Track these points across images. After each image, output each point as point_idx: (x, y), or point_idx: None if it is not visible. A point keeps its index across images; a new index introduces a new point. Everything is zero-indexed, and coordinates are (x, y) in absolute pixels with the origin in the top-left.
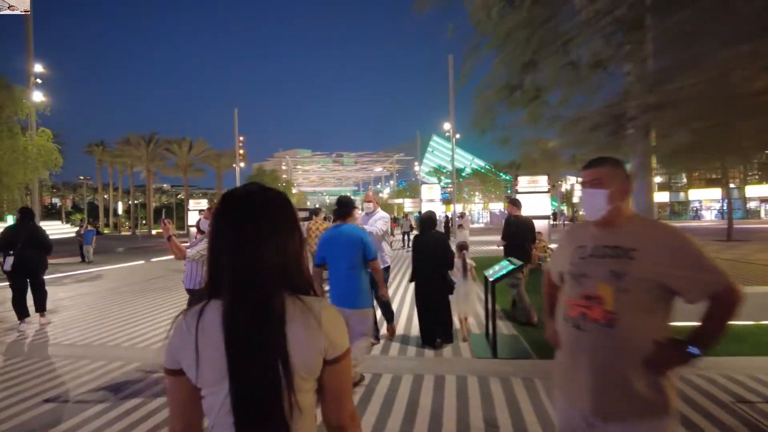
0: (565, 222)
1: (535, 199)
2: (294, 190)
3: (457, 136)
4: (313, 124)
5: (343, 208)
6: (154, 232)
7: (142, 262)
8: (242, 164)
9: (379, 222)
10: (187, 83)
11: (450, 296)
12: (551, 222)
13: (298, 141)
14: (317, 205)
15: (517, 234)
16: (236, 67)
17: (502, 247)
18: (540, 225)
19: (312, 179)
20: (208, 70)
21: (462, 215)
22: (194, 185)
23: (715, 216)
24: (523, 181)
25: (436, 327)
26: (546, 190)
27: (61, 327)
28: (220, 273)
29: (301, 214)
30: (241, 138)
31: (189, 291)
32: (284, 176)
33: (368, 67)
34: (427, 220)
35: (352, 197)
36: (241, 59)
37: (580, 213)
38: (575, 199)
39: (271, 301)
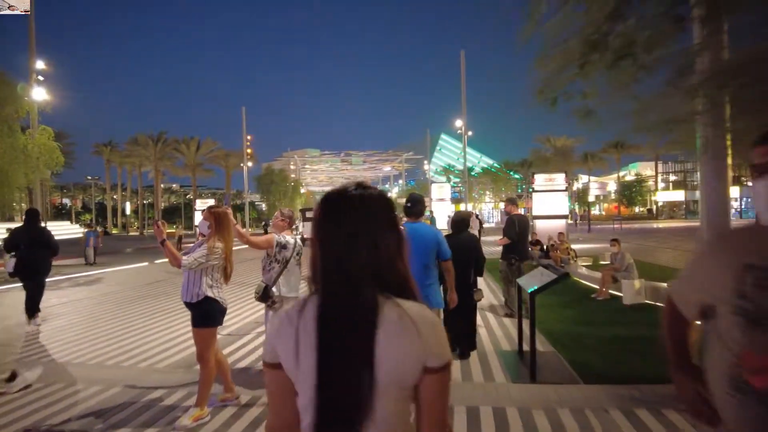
0: (577, 221)
1: (552, 198)
2: (302, 190)
3: (470, 133)
4: (321, 124)
5: (417, 206)
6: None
7: (146, 264)
8: (250, 164)
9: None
10: (196, 83)
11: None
12: (569, 221)
13: (306, 140)
14: None
15: (522, 232)
16: (246, 65)
17: (500, 246)
18: (557, 225)
19: (321, 179)
20: (218, 69)
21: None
22: (204, 185)
23: (733, 215)
24: (540, 179)
25: (461, 336)
26: (563, 188)
27: (45, 340)
28: (317, 269)
29: (310, 214)
30: (249, 137)
31: (186, 305)
32: (293, 176)
33: (377, 65)
34: (459, 222)
35: None
36: (251, 57)
37: (583, 211)
38: (590, 198)
39: (361, 298)
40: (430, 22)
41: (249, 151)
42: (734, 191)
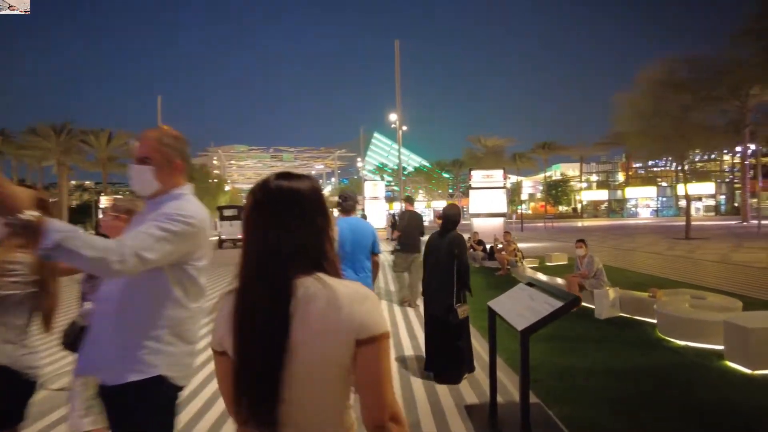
0: (513, 220)
1: (489, 195)
2: (227, 187)
3: (404, 128)
4: (250, 119)
5: (349, 201)
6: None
7: None
8: None
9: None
10: (109, 71)
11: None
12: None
13: (234, 136)
14: None
15: (409, 226)
16: (166, 57)
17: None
18: (495, 223)
19: (248, 175)
20: (133, 57)
21: None
22: (122, 182)
23: (650, 213)
24: (477, 176)
25: (444, 352)
26: (501, 185)
27: None
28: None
29: (229, 212)
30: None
31: None
32: (216, 172)
33: (309, 61)
34: (451, 217)
35: None
36: (169, 49)
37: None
38: (523, 196)
39: (275, 276)
40: (361, 21)
41: None
42: (651, 191)
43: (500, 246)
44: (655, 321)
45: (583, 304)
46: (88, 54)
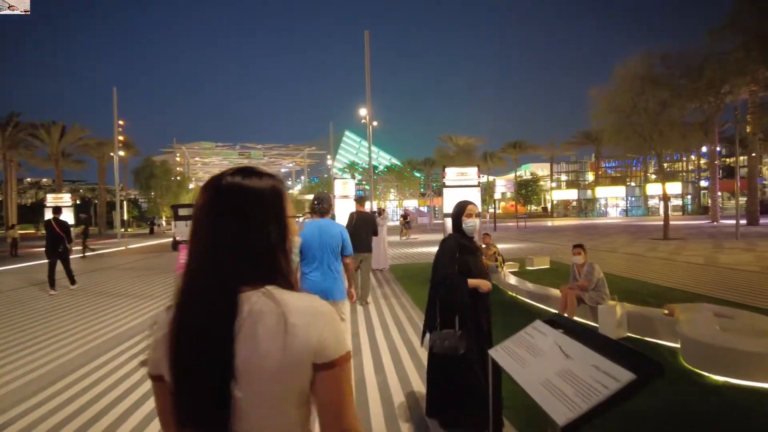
0: (486, 219)
1: (465, 194)
2: (191, 185)
3: (375, 123)
4: (217, 116)
5: (323, 204)
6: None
7: None
8: (122, 153)
9: None
10: (64, 61)
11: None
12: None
13: (200, 134)
14: None
15: (358, 226)
16: (124, 46)
17: None
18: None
19: (215, 173)
20: (89, 49)
21: (381, 211)
22: (81, 180)
23: (619, 213)
24: (451, 173)
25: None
26: (476, 183)
27: None
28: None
29: (185, 211)
30: (121, 122)
31: None
32: (179, 169)
33: (278, 56)
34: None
35: None
36: (128, 43)
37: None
38: (496, 195)
39: (218, 290)
40: (332, 14)
41: (122, 138)
42: (621, 191)
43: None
44: (675, 345)
45: (584, 321)
46: (40, 43)
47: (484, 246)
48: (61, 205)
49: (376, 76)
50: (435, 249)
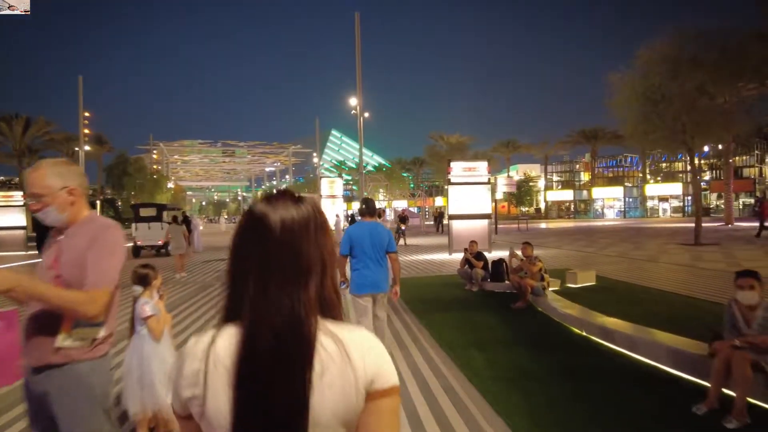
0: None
1: (472, 192)
2: (170, 184)
3: (366, 114)
4: (198, 114)
5: (371, 205)
6: None
7: None
8: (88, 147)
9: None
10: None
11: None
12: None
13: (181, 132)
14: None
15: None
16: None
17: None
18: (479, 227)
19: (196, 172)
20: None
21: (381, 213)
22: None
23: (616, 214)
24: (457, 168)
25: None
26: (486, 180)
27: None
28: (240, 293)
29: (146, 211)
30: (87, 114)
31: None
32: (156, 166)
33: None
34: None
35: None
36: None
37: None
38: (498, 194)
39: (298, 328)
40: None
41: (87, 131)
42: (617, 191)
43: (518, 263)
44: None
45: (764, 404)
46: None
47: (524, 259)
48: (12, 204)
49: (362, 75)
50: (439, 255)
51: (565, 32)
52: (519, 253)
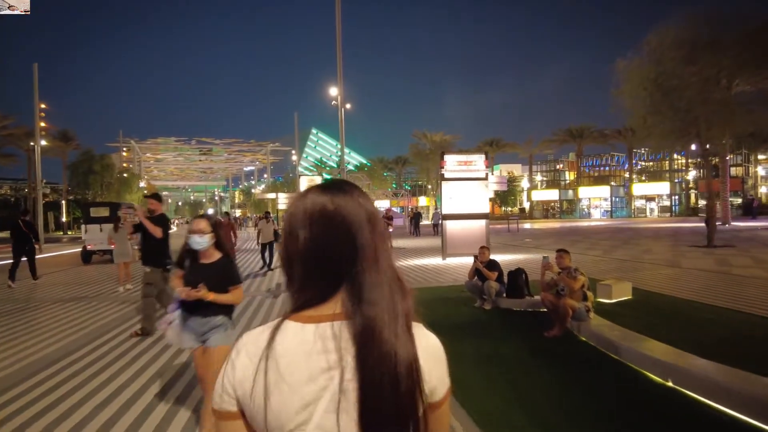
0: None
1: (468, 189)
2: (142, 183)
3: (347, 105)
4: (173, 111)
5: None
6: None
7: None
8: (44, 142)
9: None
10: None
11: None
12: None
13: (155, 130)
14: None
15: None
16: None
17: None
18: (476, 227)
19: (171, 171)
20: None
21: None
22: (10, 178)
23: (602, 214)
24: (451, 162)
25: None
26: (483, 176)
27: None
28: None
29: (98, 211)
30: (43, 105)
31: None
32: (126, 164)
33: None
34: None
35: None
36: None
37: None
38: (490, 193)
39: (402, 332)
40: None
41: (44, 124)
42: (604, 191)
43: (552, 277)
44: None
45: None
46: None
47: (562, 271)
48: None
49: (343, 73)
50: (432, 260)
51: (561, 36)
52: (552, 261)
